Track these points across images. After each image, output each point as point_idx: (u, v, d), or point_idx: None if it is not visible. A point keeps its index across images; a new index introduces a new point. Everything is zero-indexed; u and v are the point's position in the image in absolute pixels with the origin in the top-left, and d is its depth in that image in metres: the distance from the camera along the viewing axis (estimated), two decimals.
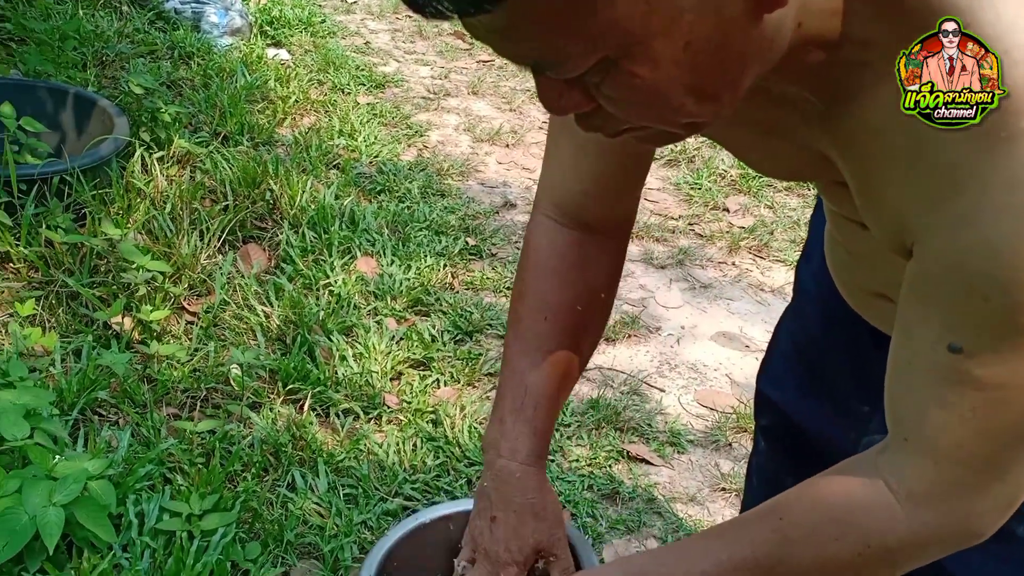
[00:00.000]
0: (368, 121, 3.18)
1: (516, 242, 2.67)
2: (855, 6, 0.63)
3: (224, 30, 3.53)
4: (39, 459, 1.33)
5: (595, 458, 1.87)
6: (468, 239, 2.60)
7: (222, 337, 2.01)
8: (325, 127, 3.06)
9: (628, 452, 1.91)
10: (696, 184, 3.08)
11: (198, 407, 1.81)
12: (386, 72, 3.69)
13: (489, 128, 3.34)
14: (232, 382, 1.86)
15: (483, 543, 0.98)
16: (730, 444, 1.99)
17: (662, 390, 2.14)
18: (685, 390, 2.15)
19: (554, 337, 0.98)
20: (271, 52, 3.56)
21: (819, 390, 1.16)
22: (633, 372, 2.18)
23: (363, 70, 3.61)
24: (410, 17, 4.36)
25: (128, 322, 1.93)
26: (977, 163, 0.60)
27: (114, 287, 1.99)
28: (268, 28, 3.76)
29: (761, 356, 2.29)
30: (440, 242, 2.54)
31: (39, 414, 1.47)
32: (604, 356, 2.22)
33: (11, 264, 2.03)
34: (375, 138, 3.08)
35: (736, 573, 0.78)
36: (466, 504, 1.06)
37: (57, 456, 1.37)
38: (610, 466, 1.87)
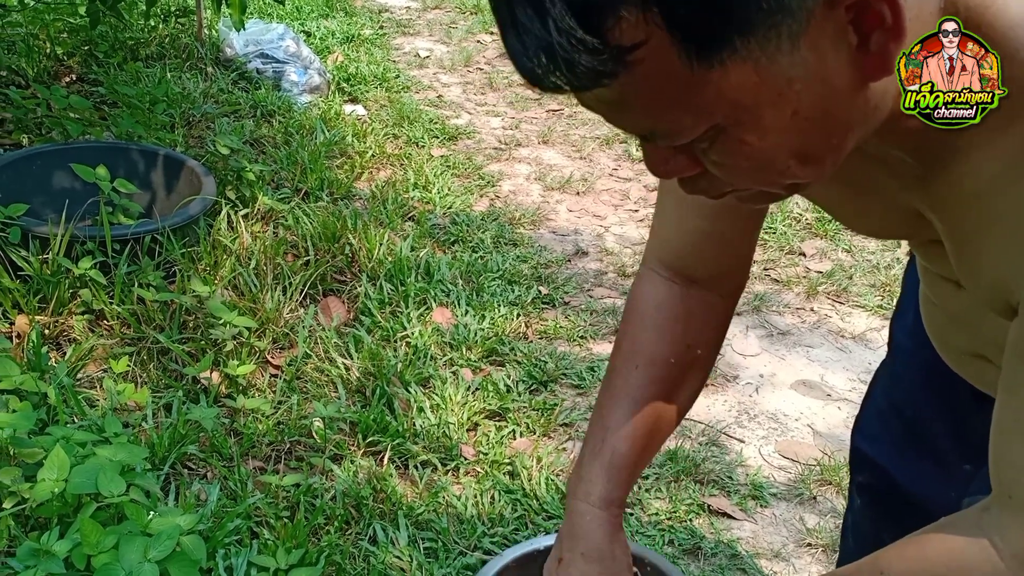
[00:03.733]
0: (442, 173, 3.24)
1: (588, 290, 2.68)
2: None
3: (303, 88, 3.66)
4: (135, 515, 1.38)
5: (675, 512, 1.85)
6: (541, 288, 2.62)
7: (304, 390, 2.06)
8: (400, 180, 3.13)
9: (709, 506, 1.88)
10: (771, 228, 3.05)
11: (282, 460, 1.85)
12: (458, 124, 3.76)
13: (560, 176, 3.37)
14: (315, 435, 1.90)
15: None
16: (815, 498, 1.94)
17: (742, 441, 2.11)
18: (765, 441, 2.12)
19: (643, 387, 0.99)
20: (348, 108, 3.67)
21: (918, 447, 1.13)
22: (711, 422, 2.15)
23: (436, 123, 3.69)
24: (481, 70, 4.45)
25: (216, 377, 1.99)
26: None
27: (202, 342, 2.06)
28: (345, 85, 3.88)
29: (843, 405, 2.26)
30: (513, 291, 2.57)
31: (133, 470, 1.53)
32: None
33: (105, 321, 2.12)
34: (448, 189, 3.14)
35: None
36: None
37: (151, 512, 1.41)
38: (691, 520, 1.84)
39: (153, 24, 3.86)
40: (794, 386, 2.33)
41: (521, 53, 0.57)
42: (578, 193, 3.29)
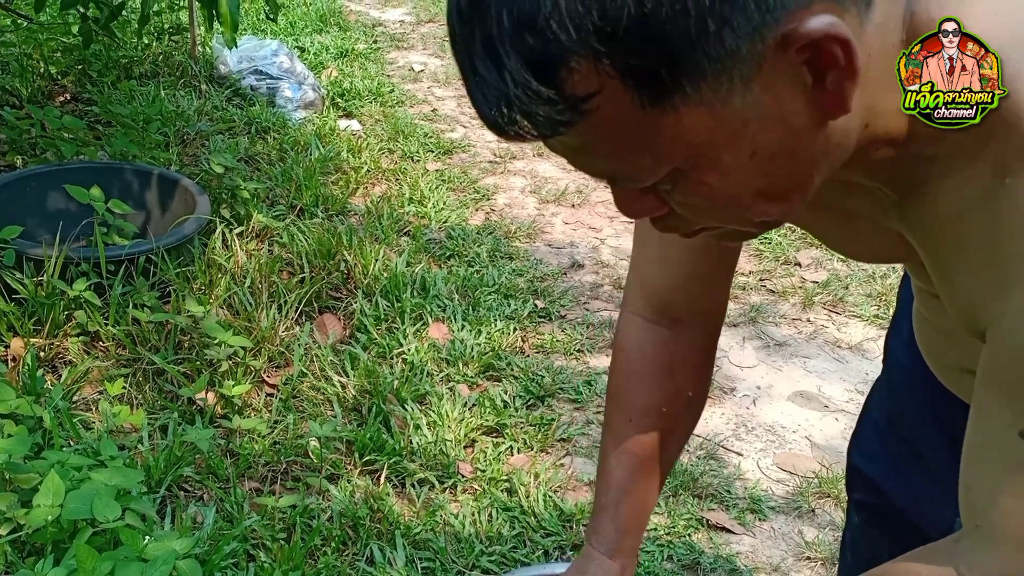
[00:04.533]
0: (437, 187, 3.25)
1: (585, 303, 2.68)
2: None
3: (298, 104, 3.66)
4: (130, 540, 1.37)
5: (674, 527, 1.85)
6: (537, 302, 2.62)
7: (300, 409, 2.05)
8: (396, 195, 3.13)
9: (707, 520, 1.88)
10: (766, 239, 3.05)
11: (279, 480, 1.85)
12: (453, 138, 3.77)
13: (555, 189, 3.37)
14: (311, 454, 1.89)
15: None
16: (813, 510, 1.93)
17: (740, 454, 2.10)
18: (764, 453, 2.11)
19: (640, 438, 1.03)
20: (343, 123, 3.68)
21: (914, 464, 1.13)
22: (709, 435, 2.15)
23: (431, 137, 3.69)
24: None
25: (211, 397, 1.99)
26: None
27: (198, 363, 2.06)
28: (339, 100, 3.89)
29: (840, 416, 2.25)
30: (509, 305, 2.57)
31: (129, 493, 1.52)
32: None
33: (100, 343, 2.11)
34: (444, 204, 3.14)
35: None
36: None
37: (147, 536, 1.41)
38: (689, 535, 1.84)
39: (146, 42, 3.86)
40: (791, 398, 2.32)
41: (483, 103, 0.58)
42: (573, 206, 3.29)
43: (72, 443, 1.76)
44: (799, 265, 2.94)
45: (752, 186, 0.62)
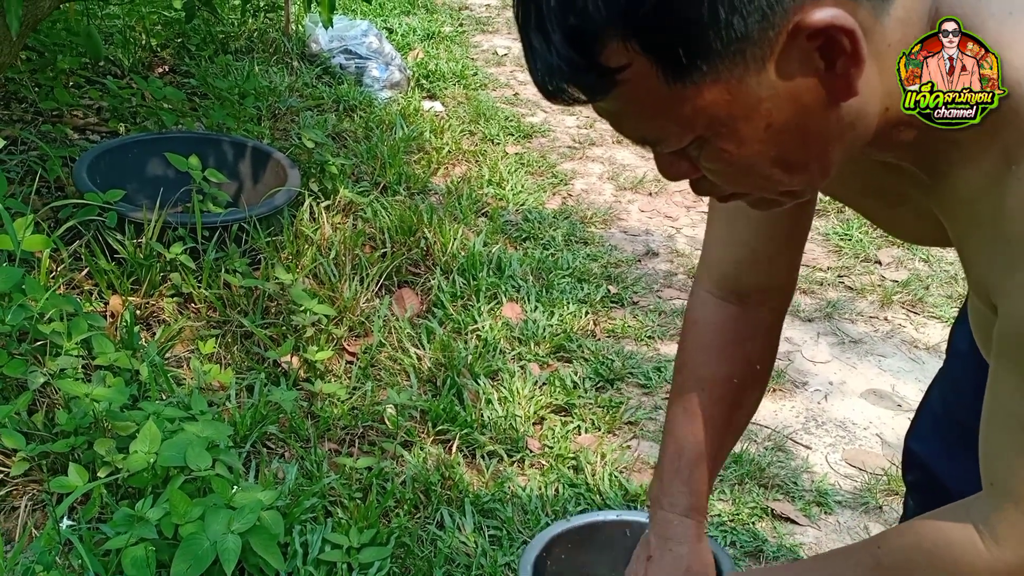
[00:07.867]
0: (515, 170, 3.29)
1: (658, 291, 2.69)
2: None
3: (384, 84, 3.74)
4: (220, 489, 1.46)
5: (738, 514, 1.86)
6: (610, 287, 2.65)
7: (378, 377, 2.13)
8: (475, 176, 3.19)
9: (772, 510, 1.89)
10: (846, 235, 3.01)
11: (356, 443, 1.93)
12: (533, 122, 3.81)
13: (632, 177, 3.39)
14: (387, 421, 1.97)
15: None
16: (880, 507, 1.93)
17: (808, 447, 2.10)
18: (832, 448, 2.11)
19: (710, 407, 1.08)
20: (427, 104, 3.75)
21: (965, 446, 1.15)
22: (778, 427, 2.15)
23: (512, 121, 3.74)
24: None
25: (296, 361, 2.08)
26: None
27: (284, 328, 2.15)
28: (424, 81, 3.96)
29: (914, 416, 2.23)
30: (582, 289, 2.60)
31: (217, 446, 1.61)
32: None
33: (193, 304, 2.22)
34: (522, 187, 3.18)
35: None
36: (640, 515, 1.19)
37: (235, 486, 1.49)
38: (753, 523, 1.85)
39: (243, 18, 3.99)
40: (864, 395, 2.31)
41: (534, 71, 0.66)
42: (651, 194, 3.30)
43: (165, 396, 1.86)
44: (879, 263, 2.90)
45: (768, 156, 0.68)
